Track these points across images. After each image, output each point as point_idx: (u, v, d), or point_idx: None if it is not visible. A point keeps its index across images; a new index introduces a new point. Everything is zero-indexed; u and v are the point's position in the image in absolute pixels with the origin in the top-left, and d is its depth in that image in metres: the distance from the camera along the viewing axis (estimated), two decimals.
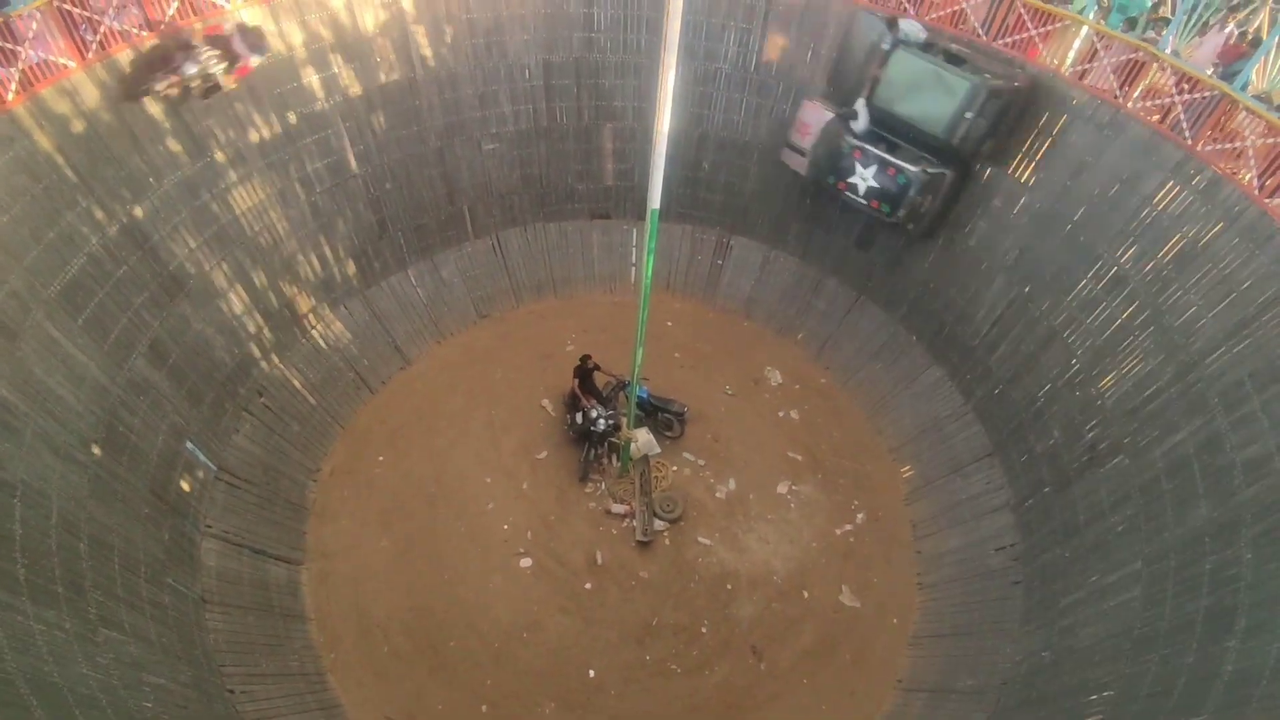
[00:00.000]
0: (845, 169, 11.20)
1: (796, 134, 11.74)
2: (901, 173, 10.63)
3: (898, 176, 10.70)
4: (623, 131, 13.24)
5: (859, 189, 11.19)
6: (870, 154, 10.86)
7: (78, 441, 7.38)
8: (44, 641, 5.98)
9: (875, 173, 10.90)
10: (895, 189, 10.82)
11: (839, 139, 11.10)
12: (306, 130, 10.55)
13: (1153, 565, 7.80)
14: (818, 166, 11.59)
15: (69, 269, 7.71)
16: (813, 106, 11.43)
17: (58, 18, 7.65)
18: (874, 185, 11.01)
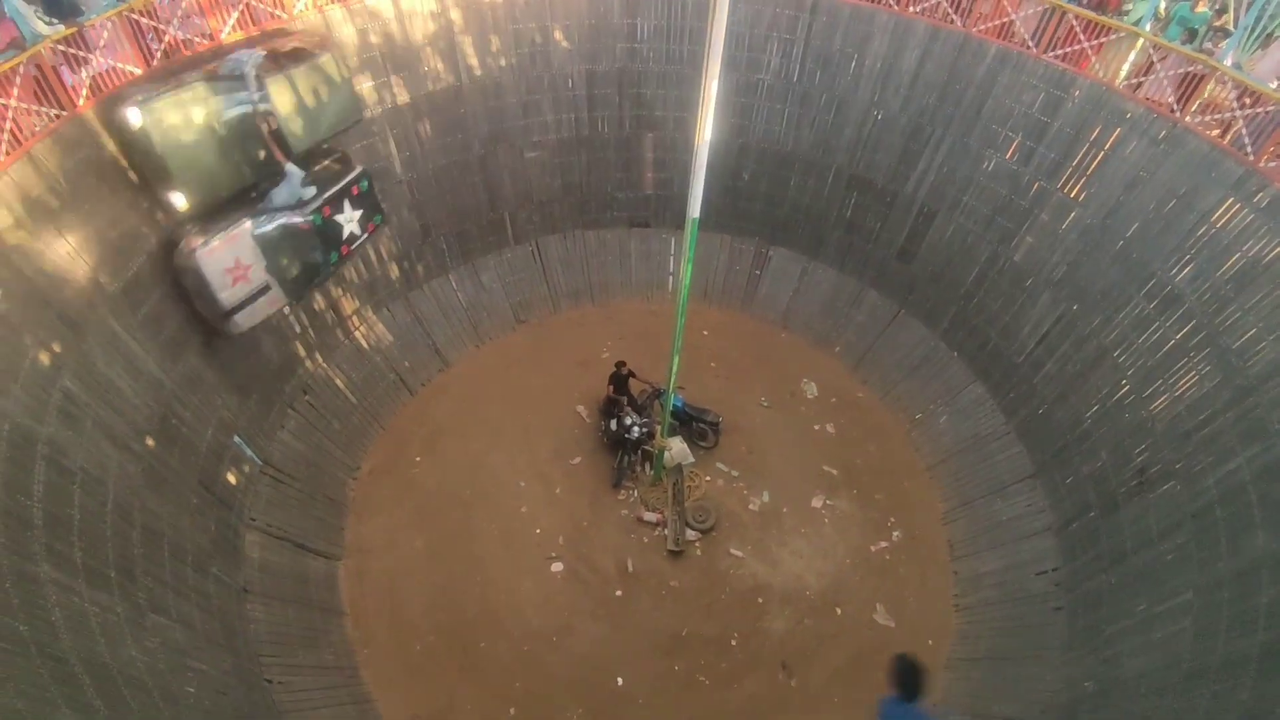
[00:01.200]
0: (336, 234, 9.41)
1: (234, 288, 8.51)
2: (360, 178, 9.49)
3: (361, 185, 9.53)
4: (663, 141, 13.32)
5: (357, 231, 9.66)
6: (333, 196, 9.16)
7: (133, 432, 7.66)
8: (97, 623, 6.21)
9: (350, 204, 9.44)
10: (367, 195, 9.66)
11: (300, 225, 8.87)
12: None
13: (1205, 596, 7.50)
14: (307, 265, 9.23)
15: (130, 267, 8.03)
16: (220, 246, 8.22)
17: (127, 27, 8.01)
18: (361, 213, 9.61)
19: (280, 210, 8.69)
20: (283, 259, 8.83)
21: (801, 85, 12.31)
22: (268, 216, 8.60)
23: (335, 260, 9.59)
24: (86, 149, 7.64)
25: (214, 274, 8.22)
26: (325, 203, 9.11)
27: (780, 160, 13.05)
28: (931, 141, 11.54)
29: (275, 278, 8.83)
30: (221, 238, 8.23)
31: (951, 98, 11.11)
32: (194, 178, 8.04)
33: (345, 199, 9.38)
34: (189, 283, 8.33)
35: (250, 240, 8.43)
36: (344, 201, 9.36)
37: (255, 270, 8.58)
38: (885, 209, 12.47)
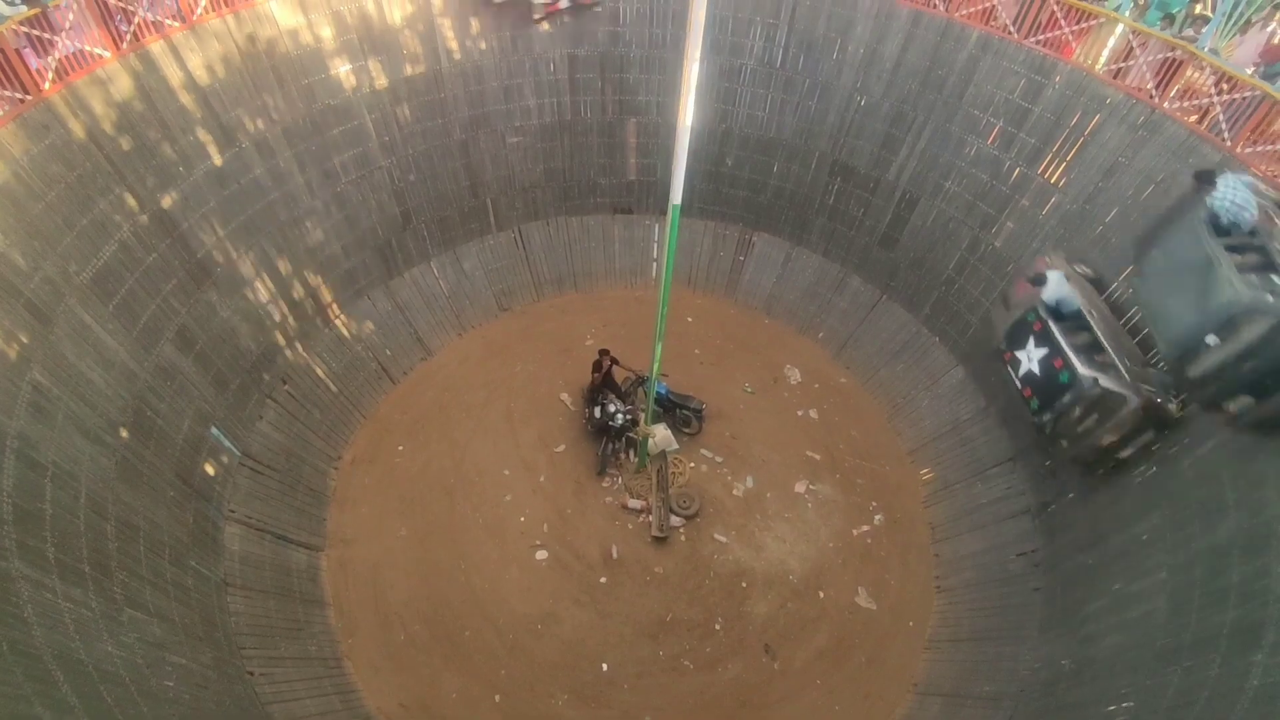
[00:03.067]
0: (1019, 338, 8.95)
1: (1016, 289, 9.47)
2: (1067, 369, 8.30)
3: (1061, 372, 8.37)
4: (646, 126, 13.21)
5: (1020, 367, 8.93)
6: (1049, 333, 8.52)
7: (106, 425, 7.53)
8: (71, 619, 6.12)
9: (1043, 357, 8.60)
10: (1053, 385, 8.49)
11: (1030, 303, 8.85)
12: (334, 121, 10.65)
13: (1178, 576, 7.63)
14: (1005, 324, 9.32)
15: (101, 255, 7.87)
16: (1040, 261, 9.33)
17: (94, 9, 7.79)
18: (1034, 370, 8.72)
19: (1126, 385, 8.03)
20: None
21: (785, 70, 12.23)
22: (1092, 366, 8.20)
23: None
24: (54, 134, 7.46)
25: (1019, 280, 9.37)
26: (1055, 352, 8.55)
27: (763, 146, 13.00)
28: (914, 127, 11.53)
29: None
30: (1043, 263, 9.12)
31: (934, 83, 11.09)
32: None
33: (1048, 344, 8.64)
34: None
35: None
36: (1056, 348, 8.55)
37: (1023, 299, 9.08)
38: (868, 195, 12.47)
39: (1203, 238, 6.91)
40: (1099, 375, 8.01)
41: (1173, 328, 7.22)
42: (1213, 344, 6.71)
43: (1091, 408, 8.11)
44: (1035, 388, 8.77)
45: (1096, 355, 8.24)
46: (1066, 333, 8.48)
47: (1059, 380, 8.39)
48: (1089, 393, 8.05)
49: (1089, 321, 8.50)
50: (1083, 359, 8.19)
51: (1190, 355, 6.98)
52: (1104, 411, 8.04)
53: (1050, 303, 8.67)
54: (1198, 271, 6.90)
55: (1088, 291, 8.97)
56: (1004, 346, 9.27)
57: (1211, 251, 6.80)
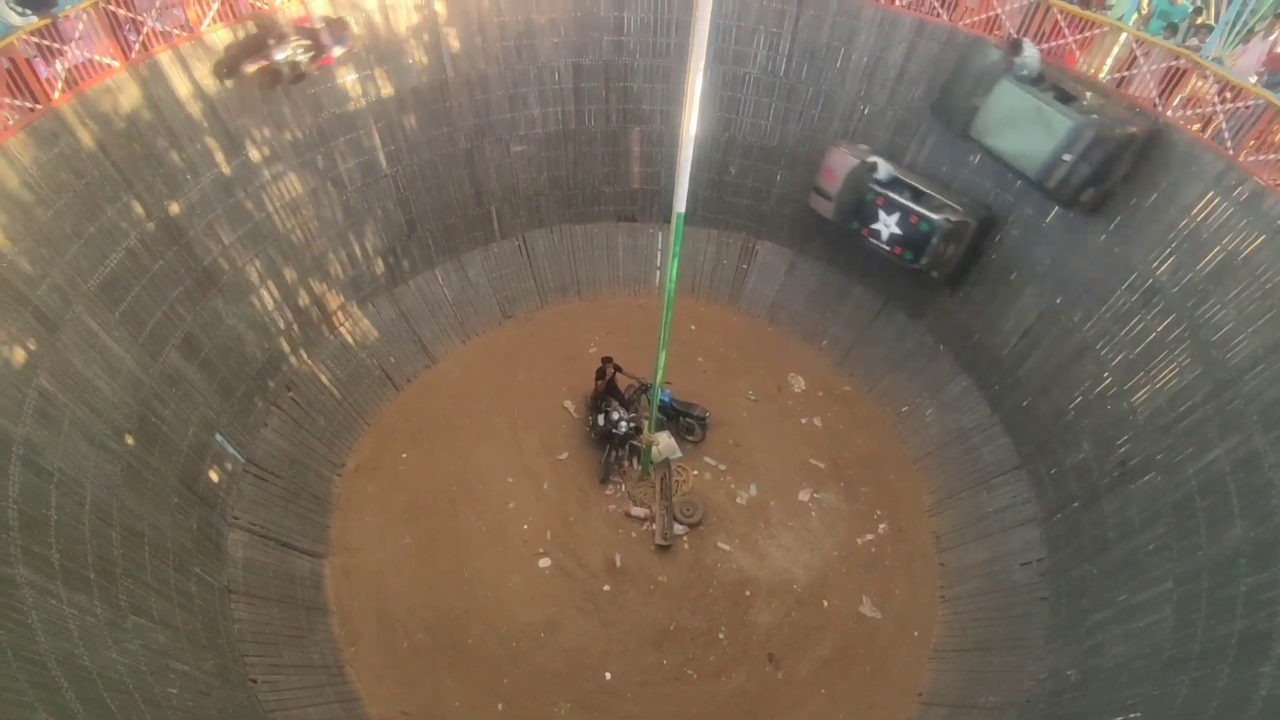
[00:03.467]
0: (869, 215, 11.29)
1: (823, 179, 11.79)
2: (924, 220, 10.67)
3: (920, 224, 10.72)
4: (650, 135, 13.26)
5: (882, 235, 11.25)
6: (894, 201, 10.93)
7: (112, 431, 7.56)
8: (75, 625, 6.13)
9: (898, 220, 10.96)
10: (918, 236, 10.83)
11: (863, 186, 11.18)
12: (339, 130, 10.71)
13: (1184, 585, 7.60)
14: (843, 212, 11.62)
15: (108, 263, 7.91)
16: (839, 153, 11.51)
17: (103, 18, 7.85)
18: (897, 232, 11.06)
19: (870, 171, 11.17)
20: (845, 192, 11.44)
21: (788, 79, 12.28)
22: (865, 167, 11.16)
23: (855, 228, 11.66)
24: (63, 142, 7.51)
25: (824, 164, 11.69)
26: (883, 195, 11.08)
27: (767, 154, 13.03)
28: (917, 136, 11.56)
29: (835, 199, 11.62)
30: (843, 151, 11.44)
31: (937, 92, 11.11)
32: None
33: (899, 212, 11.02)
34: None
35: (848, 166, 11.30)
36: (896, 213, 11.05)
37: (835, 183, 11.53)
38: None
39: (1024, 91, 9.44)
40: (945, 215, 10.59)
41: (1035, 159, 9.45)
42: (1069, 159, 9.04)
43: (949, 238, 10.67)
44: (904, 244, 11.12)
45: (928, 201, 10.87)
46: (902, 196, 10.95)
47: (921, 230, 10.78)
48: (945, 229, 10.58)
49: (908, 182, 11.09)
50: (930, 209, 10.73)
51: (1051, 172, 9.32)
52: (957, 238, 10.71)
53: (883, 179, 11.09)
54: (1031, 115, 9.36)
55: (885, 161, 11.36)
56: (857, 226, 11.59)
57: (1035, 99, 9.32)
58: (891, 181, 11.09)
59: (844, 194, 11.47)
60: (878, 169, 11.10)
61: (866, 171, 11.16)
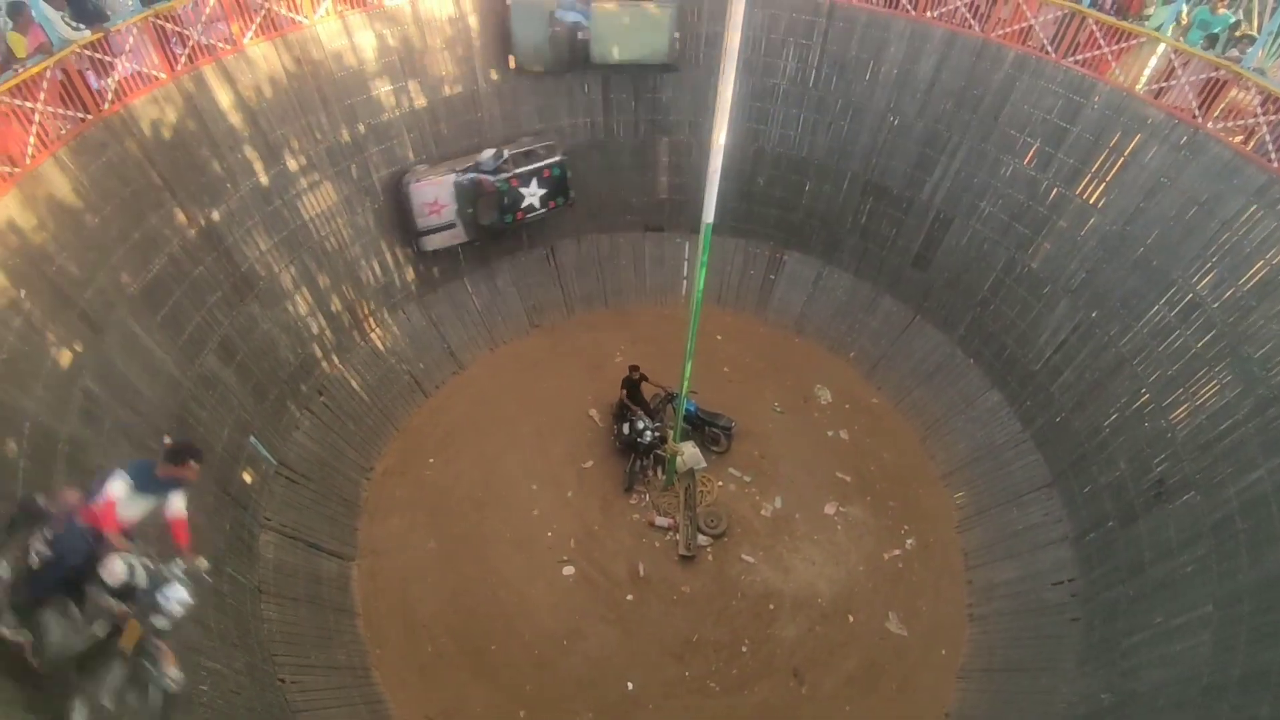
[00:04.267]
0: (515, 201, 11.87)
1: (429, 217, 11.54)
2: (555, 165, 12.02)
3: (553, 171, 12.00)
4: (678, 146, 13.34)
5: (535, 205, 12.14)
6: (524, 174, 11.76)
7: (151, 432, 7.75)
8: None
9: (538, 182, 11.92)
10: (557, 181, 12.14)
11: (484, 186, 11.49)
12: (373, 140, 10.95)
13: (1225, 609, 7.37)
14: (477, 223, 11.83)
15: (151, 268, 8.16)
16: (427, 184, 11.33)
17: (152, 32, 8.15)
18: (543, 191, 12.05)
19: (479, 172, 11.44)
20: (469, 208, 11.50)
21: (817, 90, 12.28)
22: (469, 174, 11.35)
23: (510, 221, 12.08)
24: (111, 152, 7.78)
25: (418, 204, 11.27)
26: (514, 176, 11.63)
27: (795, 165, 13.02)
28: (948, 148, 11.47)
29: (461, 220, 11.61)
30: (429, 180, 11.21)
31: (969, 103, 11.04)
32: (527, 51, 11.51)
33: (535, 178, 11.88)
34: (403, 204, 11.31)
35: (450, 188, 11.28)
36: (533, 179, 11.87)
37: (448, 210, 11.44)
38: (901, 215, 12.40)
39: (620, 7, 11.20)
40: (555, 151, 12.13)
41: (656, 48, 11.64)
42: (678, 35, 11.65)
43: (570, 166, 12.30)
44: (552, 195, 12.29)
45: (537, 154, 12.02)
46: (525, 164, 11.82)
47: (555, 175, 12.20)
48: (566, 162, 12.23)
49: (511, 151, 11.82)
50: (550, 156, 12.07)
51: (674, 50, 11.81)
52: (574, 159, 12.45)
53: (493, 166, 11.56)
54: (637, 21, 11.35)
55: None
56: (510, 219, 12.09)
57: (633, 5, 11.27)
58: (505, 161, 11.62)
59: (466, 207, 11.54)
60: (483, 163, 11.51)
61: (477, 172, 11.47)
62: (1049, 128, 10.35)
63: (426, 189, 11.25)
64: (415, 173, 11.32)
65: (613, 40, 11.39)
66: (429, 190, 11.26)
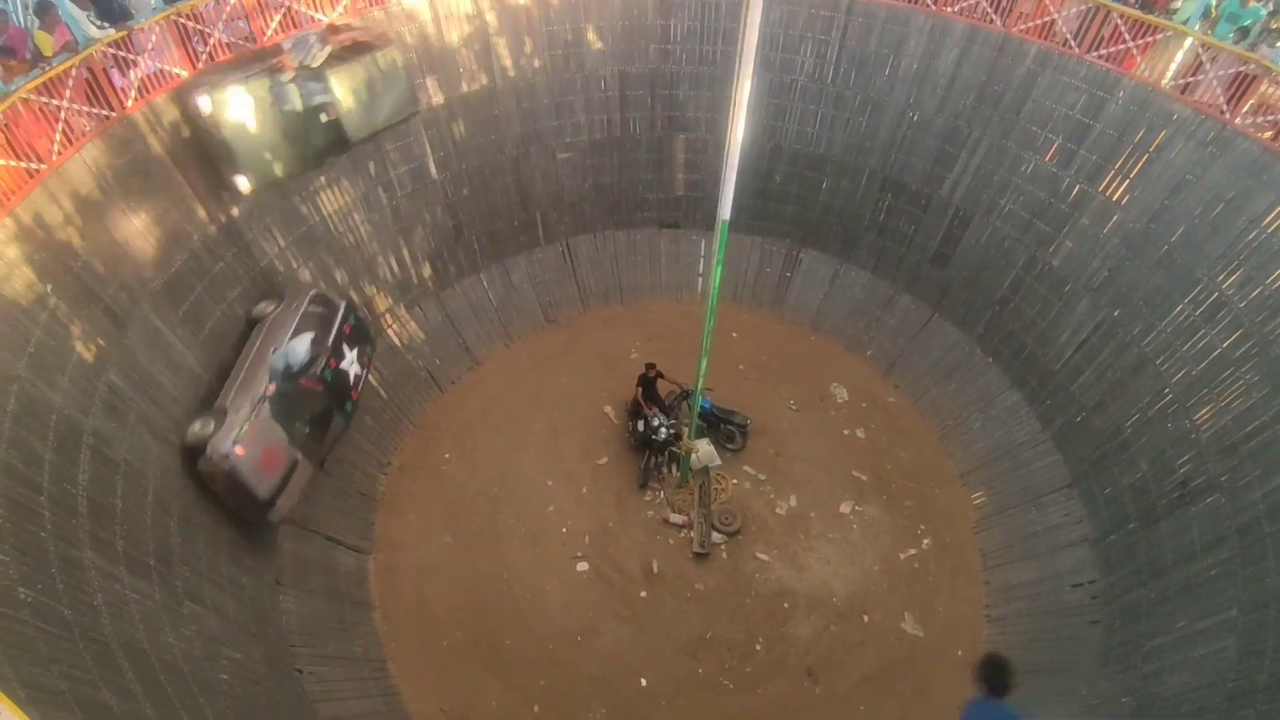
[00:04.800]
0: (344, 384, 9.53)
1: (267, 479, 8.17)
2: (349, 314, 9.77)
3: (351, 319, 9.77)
4: (695, 143, 13.29)
5: (360, 371, 9.89)
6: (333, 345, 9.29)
7: (173, 425, 7.86)
8: (137, 609, 6.38)
9: (347, 346, 9.58)
10: (362, 329, 10.13)
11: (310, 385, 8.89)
12: (391, 137, 10.99)
13: (1250, 614, 7.24)
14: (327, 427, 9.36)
15: (173, 264, 8.26)
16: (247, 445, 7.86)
17: (174, 30, 8.24)
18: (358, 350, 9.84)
19: (289, 379, 8.56)
20: (304, 427, 8.69)
21: (835, 87, 12.19)
22: (279, 390, 8.35)
23: (351, 410, 9.74)
24: (134, 149, 7.87)
25: (249, 471, 7.84)
26: (330, 355, 9.15)
27: (813, 162, 12.94)
28: (968, 144, 11.34)
29: (300, 448, 8.60)
30: (248, 429, 7.84)
31: (989, 99, 10.90)
32: (257, 162, 8.58)
33: (343, 342, 9.48)
34: (221, 487, 7.78)
35: (270, 422, 8.13)
36: (342, 345, 9.45)
37: (282, 451, 8.30)
38: (920, 212, 12.29)
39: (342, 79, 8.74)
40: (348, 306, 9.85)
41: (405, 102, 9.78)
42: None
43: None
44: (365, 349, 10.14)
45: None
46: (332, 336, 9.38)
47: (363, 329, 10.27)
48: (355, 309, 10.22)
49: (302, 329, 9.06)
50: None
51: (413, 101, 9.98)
52: None
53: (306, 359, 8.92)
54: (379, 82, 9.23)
55: None
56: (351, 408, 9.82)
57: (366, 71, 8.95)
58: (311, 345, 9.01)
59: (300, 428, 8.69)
60: (292, 366, 8.72)
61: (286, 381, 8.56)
62: (1071, 124, 10.20)
63: (252, 445, 7.91)
64: (218, 441, 7.73)
65: (364, 108, 9.13)
66: (254, 444, 7.94)
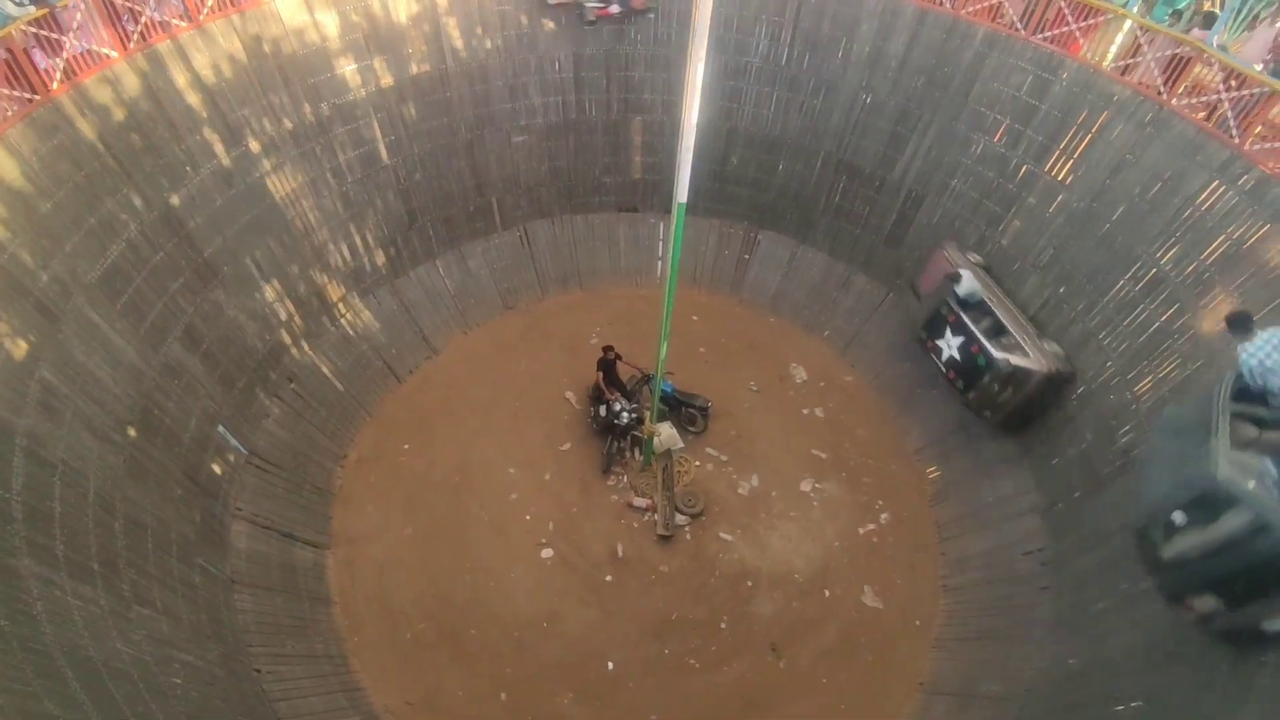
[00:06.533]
0: (938, 329, 10.58)
1: (922, 278, 11.23)
2: (984, 354, 9.90)
3: (978, 356, 9.99)
4: (651, 125, 13.21)
5: (942, 354, 10.58)
6: (963, 323, 10.15)
7: (114, 423, 7.57)
8: (80, 616, 6.15)
9: (961, 345, 10.22)
10: (973, 368, 10.11)
11: (942, 297, 10.47)
12: (339, 121, 10.68)
13: None
14: (922, 316, 10.99)
15: (109, 255, 7.91)
16: (941, 258, 10.87)
17: (101, 8, 7.82)
18: (955, 357, 10.36)
19: None
20: None
21: (790, 69, 12.21)
22: None
23: None
24: (62, 134, 7.49)
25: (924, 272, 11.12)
26: None
27: (768, 145, 12.98)
28: (919, 126, 11.50)
29: None
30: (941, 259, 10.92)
31: (940, 81, 11.06)
32: None
33: None
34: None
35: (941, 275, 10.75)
36: None
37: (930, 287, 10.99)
38: (873, 194, 12.45)
39: (1215, 395, 5.65)
40: (1009, 356, 9.68)
41: (1148, 490, 6.21)
42: (1180, 522, 5.60)
43: (1006, 382, 9.79)
44: (959, 371, 10.44)
45: (1002, 338, 9.93)
46: (975, 320, 10.14)
47: (977, 364, 10.04)
48: (1003, 372, 9.72)
49: (991, 309, 10.17)
50: (993, 344, 9.87)
51: (1155, 526, 5.95)
52: (1016, 384, 9.74)
53: (962, 296, 10.27)
54: (1195, 433, 5.60)
55: (984, 279, 10.52)
56: (924, 336, 10.93)
57: (1218, 413, 5.50)
58: (971, 302, 10.20)
59: (930, 299, 10.80)
60: (960, 282, 10.22)
61: (949, 282, 10.32)
62: (1018, 105, 10.41)
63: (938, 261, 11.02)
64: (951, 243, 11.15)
65: None
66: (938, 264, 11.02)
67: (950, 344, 10.35)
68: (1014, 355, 9.64)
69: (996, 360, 9.73)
